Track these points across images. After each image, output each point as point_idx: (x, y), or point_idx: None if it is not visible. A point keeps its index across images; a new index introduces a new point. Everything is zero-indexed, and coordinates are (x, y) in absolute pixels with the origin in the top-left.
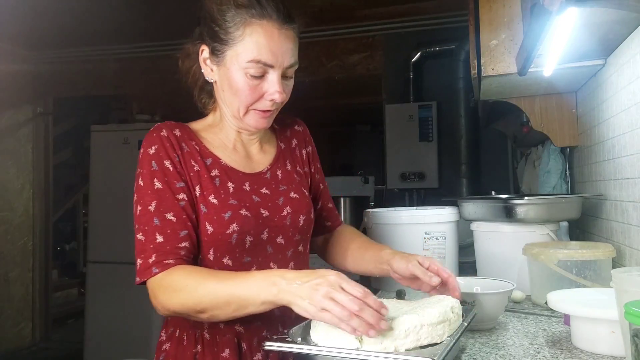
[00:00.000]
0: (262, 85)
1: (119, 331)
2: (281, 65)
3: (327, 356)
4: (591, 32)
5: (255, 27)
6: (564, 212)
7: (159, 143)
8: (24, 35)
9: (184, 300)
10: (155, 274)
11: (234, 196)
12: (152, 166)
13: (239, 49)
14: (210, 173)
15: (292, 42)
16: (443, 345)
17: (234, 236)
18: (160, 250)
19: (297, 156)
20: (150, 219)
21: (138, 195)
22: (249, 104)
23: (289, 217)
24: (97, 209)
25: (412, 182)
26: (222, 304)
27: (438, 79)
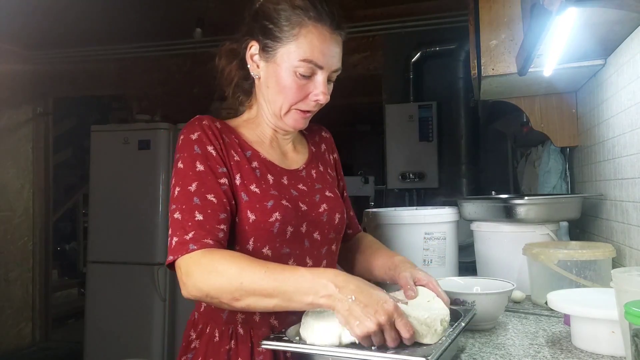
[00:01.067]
0: (309, 86)
1: (119, 331)
2: (329, 68)
3: (325, 355)
4: (591, 32)
5: (310, 29)
6: (564, 212)
7: (201, 130)
8: (24, 35)
9: (223, 283)
10: (192, 250)
11: (274, 187)
12: (195, 150)
13: (291, 47)
14: (250, 164)
15: (339, 47)
16: (438, 345)
17: (277, 225)
18: (199, 229)
19: (326, 160)
20: (189, 198)
21: (177, 177)
22: (294, 102)
23: (325, 214)
24: (97, 209)
25: (412, 182)
26: (264, 295)
27: (438, 79)
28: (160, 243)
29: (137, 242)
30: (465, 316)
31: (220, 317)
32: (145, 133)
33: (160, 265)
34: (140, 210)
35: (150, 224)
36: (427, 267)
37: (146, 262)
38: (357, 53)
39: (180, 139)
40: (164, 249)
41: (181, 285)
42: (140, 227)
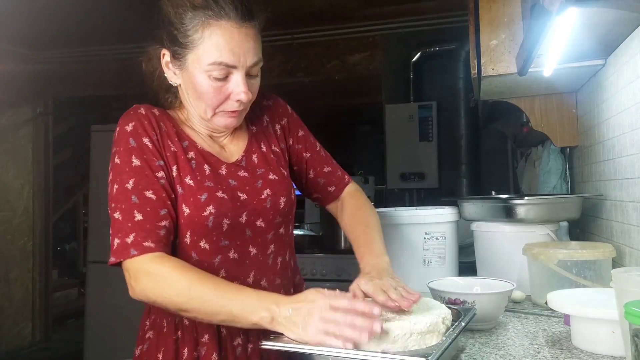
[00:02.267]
0: (227, 87)
1: (119, 331)
2: (244, 65)
3: (324, 356)
4: (591, 32)
5: (213, 29)
6: (564, 212)
7: (136, 120)
8: (24, 35)
9: (172, 295)
10: (133, 256)
11: (210, 178)
12: (130, 143)
13: (199, 52)
14: (186, 155)
15: (253, 39)
16: (438, 346)
17: (211, 218)
18: (139, 230)
19: (270, 134)
20: (128, 197)
21: (114, 173)
22: (215, 106)
23: (269, 200)
24: (97, 209)
25: (412, 182)
26: (210, 312)
27: (438, 79)
28: None
29: None
30: (465, 316)
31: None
32: None
33: None
34: None
35: None
36: (427, 267)
37: None
38: (357, 53)
39: (116, 131)
40: None
41: (129, 287)
42: None
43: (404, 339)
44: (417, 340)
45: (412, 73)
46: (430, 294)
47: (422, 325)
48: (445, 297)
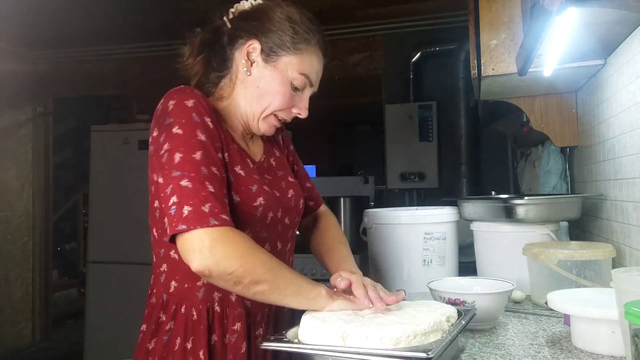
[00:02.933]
0: (295, 98)
1: (119, 331)
2: (315, 87)
3: (324, 355)
4: (591, 32)
5: (313, 50)
6: (564, 212)
7: (196, 99)
8: (24, 35)
9: (257, 263)
10: (214, 225)
11: (254, 172)
12: (194, 118)
13: (295, 59)
14: (233, 144)
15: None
16: (439, 342)
17: (260, 209)
18: (215, 201)
19: (278, 143)
20: (197, 167)
21: (176, 142)
22: (279, 109)
23: (293, 200)
24: (97, 209)
25: (412, 182)
26: (283, 283)
27: (438, 79)
28: None
29: (137, 242)
30: (465, 316)
31: (195, 296)
32: (145, 133)
33: None
34: (140, 210)
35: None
36: (427, 267)
37: (146, 262)
38: (357, 53)
39: (171, 103)
40: None
41: (196, 257)
42: (140, 227)
43: (407, 341)
44: (420, 341)
45: (412, 73)
46: (431, 294)
47: (426, 326)
48: (445, 297)
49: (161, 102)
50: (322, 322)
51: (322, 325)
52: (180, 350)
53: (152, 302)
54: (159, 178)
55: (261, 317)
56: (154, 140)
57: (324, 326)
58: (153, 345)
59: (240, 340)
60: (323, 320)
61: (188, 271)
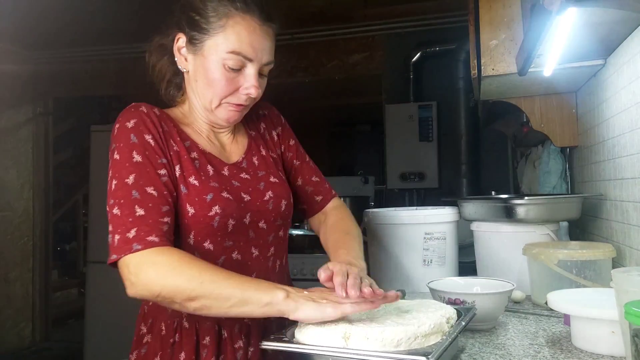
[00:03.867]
0: (239, 79)
1: (119, 331)
2: (259, 60)
3: (324, 355)
4: (591, 32)
5: (237, 20)
6: (564, 212)
7: (138, 117)
8: (24, 35)
9: (182, 282)
10: (137, 250)
11: (214, 179)
12: (131, 139)
13: (219, 39)
14: (190, 155)
15: (271, 40)
16: (438, 344)
17: (217, 219)
18: (141, 224)
19: (268, 140)
20: (128, 192)
21: (113, 170)
22: (224, 96)
23: (271, 202)
24: (97, 209)
25: (412, 182)
26: (222, 297)
27: (438, 79)
28: None
29: None
30: (465, 316)
31: (165, 311)
32: None
33: None
34: None
35: None
36: (427, 267)
37: None
38: (357, 53)
39: (116, 127)
40: None
41: (127, 285)
42: None
43: (408, 343)
44: (420, 343)
45: (412, 73)
46: (431, 294)
47: (426, 327)
48: (445, 297)
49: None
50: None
51: (323, 326)
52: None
53: (139, 313)
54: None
55: (239, 329)
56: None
57: (325, 326)
58: (134, 357)
59: (209, 355)
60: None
61: None
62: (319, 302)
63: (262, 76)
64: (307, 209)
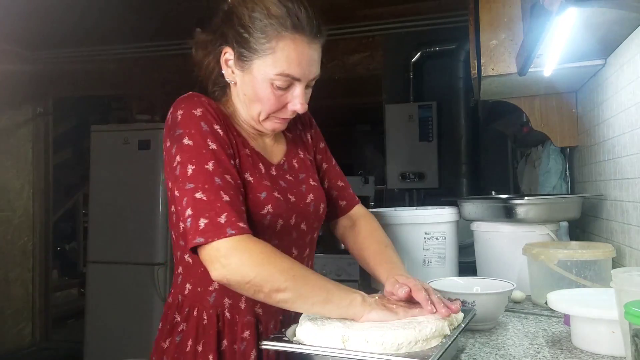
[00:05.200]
0: (286, 96)
1: (119, 331)
2: (307, 78)
3: (324, 356)
4: (591, 32)
5: (287, 42)
6: (564, 212)
7: (203, 107)
8: (24, 35)
9: (275, 272)
10: (231, 235)
11: (266, 178)
12: (202, 127)
13: (268, 60)
14: (244, 150)
15: (318, 54)
16: (438, 347)
17: (268, 217)
18: (230, 211)
19: (304, 142)
20: (210, 178)
21: (187, 154)
22: (271, 112)
23: (312, 204)
24: (97, 209)
25: (412, 182)
26: (308, 291)
27: (438, 79)
28: (160, 243)
29: (137, 242)
30: (465, 316)
31: (207, 301)
32: (145, 133)
33: (160, 265)
34: (140, 210)
35: (150, 224)
36: (427, 267)
37: (146, 262)
38: (357, 53)
39: (179, 114)
40: (164, 249)
41: (217, 267)
42: (140, 227)
43: (409, 347)
44: (421, 347)
45: (412, 73)
46: None
47: (427, 331)
48: (445, 297)
49: (170, 111)
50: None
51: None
52: (192, 352)
53: (169, 302)
54: (175, 190)
55: (274, 325)
56: (166, 151)
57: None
58: (167, 344)
59: (249, 348)
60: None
61: (201, 275)
62: (390, 307)
63: (307, 88)
64: (330, 212)
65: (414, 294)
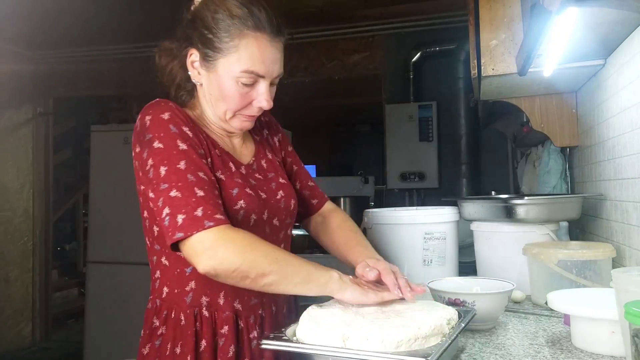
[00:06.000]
0: (251, 93)
1: (119, 331)
2: (271, 75)
3: (324, 355)
4: (591, 32)
5: (249, 40)
6: (564, 212)
7: (171, 111)
8: (24, 35)
9: (259, 256)
10: (209, 227)
11: (236, 175)
12: (171, 129)
13: (232, 58)
14: (214, 149)
15: (281, 53)
16: (438, 346)
17: (241, 212)
18: (206, 204)
19: (271, 145)
20: (183, 176)
21: (159, 157)
22: (237, 109)
23: (282, 200)
24: (97, 209)
25: (412, 182)
26: (291, 272)
27: (438, 79)
28: None
29: (137, 242)
30: (465, 316)
31: (184, 301)
32: None
33: None
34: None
35: None
36: (427, 267)
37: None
38: (357, 53)
39: (148, 119)
40: None
41: (203, 259)
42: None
43: (408, 344)
44: (421, 344)
45: (412, 73)
46: (431, 294)
47: (426, 329)
48: (445, 297)
49: (138, 117)
50: (322, 324)
51: (322, 328)
52: (171, 355)
53: (148, 308)
54: (150, 192)
55: (254, 320)
56: (137, 156)
57: (323, 328)
58: (147, 350)
59: (227, 344)
60: (322, 323)
61: (177, 277)
62: (363, 287)
63: (272, 85)
64: (304, 211)
65: (382, 277)
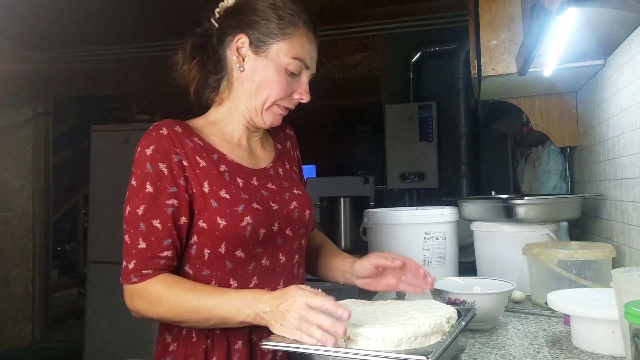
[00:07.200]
0: (294, 84)
1: (119, 331)
2: (312, 70)
3: (324, 355)
4: (591, 32)
5: (301, 31)
6: (564, 212)
7: (157, 143)
8: (24, 35)
9: (162, 312)
10: (134, 282)
11: (244, 190)
12: (146, 168)
13: (285, 44)
14: (218, 168)
15: (317, 52)
16: (438, 344)
17: (248, 229)
18: (140, 258)
19: (292, 157)
20: (137, 222)
21: (129, 195)
22: (279, 98)
23: (296, 211)
24: (97, 209)
25: (412, 182)
26: (200, 320)
27: (438, 79)
28: None
29: None
30: (465, 316)
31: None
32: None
33: None
34: None
35: None
36: (427, 267)
37: None
38: (357, 53)
39: (137, 151)
40: None
41: (129, 307)
42: None
43: (409, 343)
44: (421, 343)
45: (412, 73)
46: (431, 294)
47: (426, 327)
48: (445, 297)
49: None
50: None
51: None
52: None
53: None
54: None
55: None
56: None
57: None
58: None
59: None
60: None
61: None
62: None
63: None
64: None
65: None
